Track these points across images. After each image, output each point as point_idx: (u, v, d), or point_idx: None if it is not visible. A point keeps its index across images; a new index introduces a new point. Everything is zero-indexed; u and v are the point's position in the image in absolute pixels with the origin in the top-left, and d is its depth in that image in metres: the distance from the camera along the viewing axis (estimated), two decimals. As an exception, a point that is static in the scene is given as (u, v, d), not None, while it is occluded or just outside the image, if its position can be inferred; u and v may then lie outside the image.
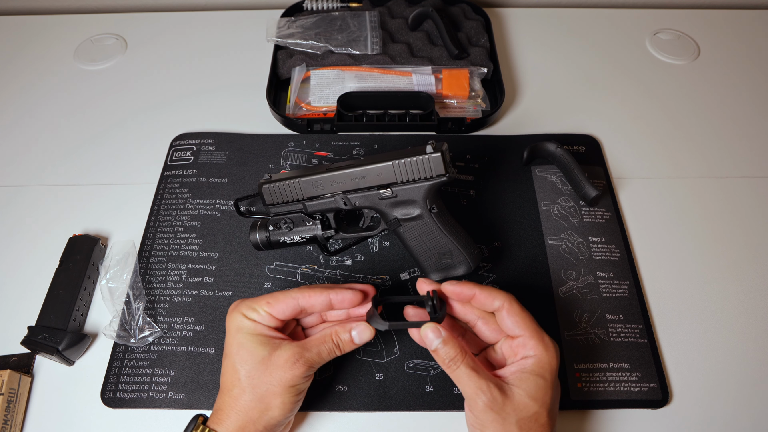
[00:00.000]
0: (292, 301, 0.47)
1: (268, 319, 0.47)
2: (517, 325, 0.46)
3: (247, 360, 0.45)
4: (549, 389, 0.44)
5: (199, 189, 0.68)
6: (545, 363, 0.44)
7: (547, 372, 0.44)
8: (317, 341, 0.47)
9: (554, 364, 0.45)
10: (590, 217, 0.65)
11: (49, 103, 0.80)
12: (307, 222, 0.58)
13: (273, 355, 0.45)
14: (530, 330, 0.45)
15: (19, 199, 0.69)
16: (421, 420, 0.53)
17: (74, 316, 0.57)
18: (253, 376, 0.45)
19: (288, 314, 0.47)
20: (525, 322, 0.46)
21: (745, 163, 0.72)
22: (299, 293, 0.47)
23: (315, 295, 0.47)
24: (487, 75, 0.79)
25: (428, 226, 0.55)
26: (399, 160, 0.53)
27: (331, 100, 0.74)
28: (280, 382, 0.45)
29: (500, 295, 0.47)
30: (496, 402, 0.43)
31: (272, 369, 0.45)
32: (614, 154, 0.72)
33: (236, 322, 0.47)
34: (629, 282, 0.60)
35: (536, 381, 0.44)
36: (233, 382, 0.46)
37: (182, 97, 0.79)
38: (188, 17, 0.92)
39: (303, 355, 0.46)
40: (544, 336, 0.46)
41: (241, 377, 0.45)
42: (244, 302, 0.48)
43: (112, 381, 0.54)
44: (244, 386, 0.45)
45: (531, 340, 0.45)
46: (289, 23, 0.83)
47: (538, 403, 0.43)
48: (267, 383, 0.45)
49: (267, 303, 0.47)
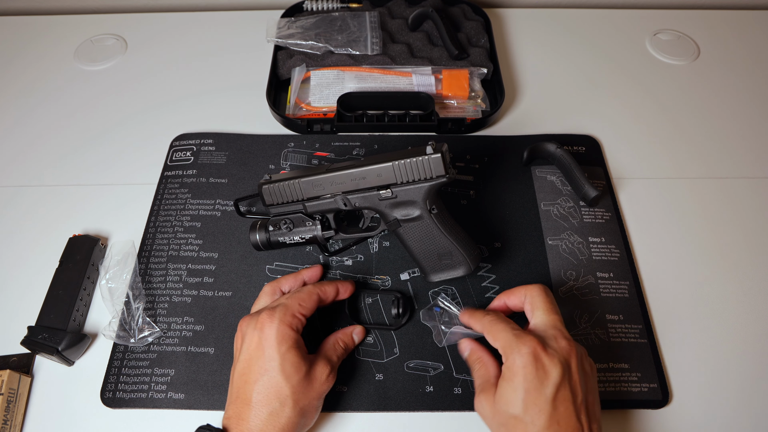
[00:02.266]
0: (316, 296, 0.51)
1: (303, 321, 0.49)
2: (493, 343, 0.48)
3: (292, 375, 0.46)
4: (519, 393, 0.43)
5: (199, 189, 0.68)
6: (511, 367, 0.44)
7: (514, 376, 0.44)
8: (332, 349, 0.52)
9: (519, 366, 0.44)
10: (590, 217, 0.65)
11: (50, 103, 0.80)
12: (306, 222, 0.58)
13: (312, 370, 0.48)
14: (502, 342, 0.46)
15: (19, 199, 0.69)
16: (421, 420, 0.53)
17: (74, 316, 0.57)
18: (298, 392, 0.46)
19: (315, 307, 0.51)
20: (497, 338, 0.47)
21: (745, 163, 0.72)
22: (316, 289, 0.52)
23: (326, 287, 0.53)
24: (487, 75, 0.79)
25: (428, 227, 0.55)
26: (399, 160, 0.53)
27: (331, 101, 0.74)
28: (319, 395, 0.48)
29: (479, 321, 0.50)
30: (483, 405, 0.46)
31: (313, 384, 0.47)
32: (614, 154, 0.72)
33: (280, 332, 0.47)
34: (629, 282, 0.60)
35: (505, 386, 0.44)
36: (276, 396, 0.45)
37: (182, 98, 0.79)
38: (188, 17, 0.92)
39: (333, 367, 0.50)
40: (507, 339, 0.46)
41: (288, 393, 0.45)
42: (279, 311, 0.48)
43: (112, 381, 0.54)
44: (290, 402, 0.45)
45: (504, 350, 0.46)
46: (289, 24, 0.83)
47: (511, 407, 0.43)
48: (309, 397, 0.46)
49: (300, 306, 0.49)
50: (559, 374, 0.43)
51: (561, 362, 0.44)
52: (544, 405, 0.42)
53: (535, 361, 0.43)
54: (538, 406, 0.43)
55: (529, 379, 0.43)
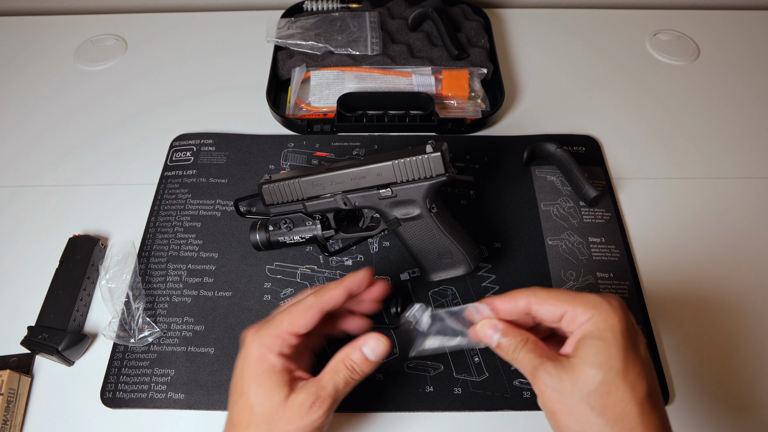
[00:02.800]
0: (314, 310, 0.43)
1: (293, 341, 0.42)
2: (555, 306, 0.39)
3: (264, 402, 0.41)
4: (613, 350, 0.36)
5: (199, 189, 0.68)
6: (599, 322, 0.37)
7: (605, 331, 0.37)
8: (330, 373, 0.42)
9: (612, 320, 0.37)
10: (590, 217, 0.65)
11: (50, 103, 0.80)
12: (307, 222, 0.58)
13: (289, 398, 0.41)
14: (570, 301, 0.39)
15: (19, 199, 0.69)
16: (421, 420, 0.53)
17: (74, 316, 0.57)
18: (271, 420, 0.41)
19: (311, 325, 0.43)
20: (559, 299, 0.39)
21: (745, 163, 0.72)
22: (316, 299, 0.43)
23: (330, 291, 0.44)
24: (487, 75, 0.79)
25: (428, 226, 0.55)
26: (399, 159, 0.53)
27: (331, 101, 0.74)
28: (298, 428, 0.40)
29: (521, 294, 0.41)
30: (552, 377, 0.37)
31: (290, 413, 0.41)
32: (614, 154, 0.72)
33: (257, 355, 0.42)
34: (629, 282, 0.60)
35: (593, 344, 0.36)
36: (250, 420, 0.41)
37: (182, 98, 0.80)
38: (188, 17, 0.92)
39: (319, 395, 0.41)
40: (589, 297, 0.39)
41: (259, 419, 0.41)
42: (262, 329, 0.43)
43: (112, 381, 0.54)
44: (263, 427, 0.41)
45: (577, 308, 0.38)
46: (289, 24, 0.83)
47: (602, 370, 0.36)
48: (284, 428, 0.41)
49: (289, 323, 0.42)
50: (643, 338, 0.38)
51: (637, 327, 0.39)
52: (641, 368, 0.36)
53: (630, 323, 0.37)
54: (638, 368, 0.36)
55: (627, 334, 0.37)
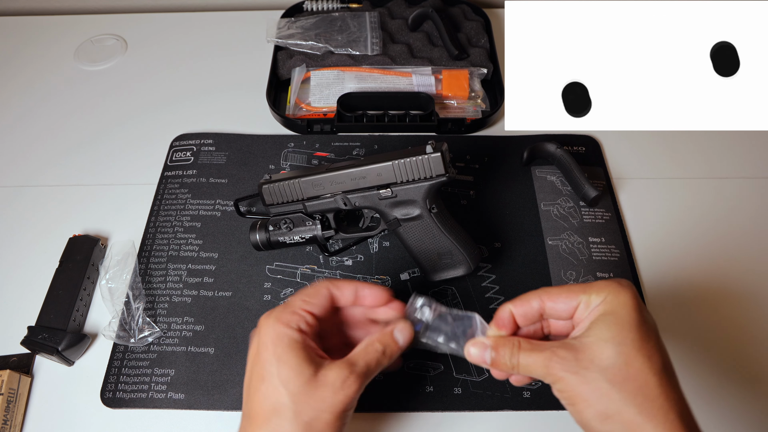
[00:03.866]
0: (325, 291, 0.42)
1: (310, 319, 0.41)
2: (569, 300, 0.39)
3: (291, 380, 0.37)
4: (626, 323, 0.36)
5: (199, 189, 0.68)
6: (611, 300, 0.37)
7: (616, 307, 0.36)
8: (362, 352, 0.41)
9: (624, 297, 0.37)
10: (590, 217, 0.65)
11: (50, 103, 0.80)
12: (307, 222, 0.58)
13: (319, 374, 0.38)
14: (583, 290, 0.38)
15: (19, 199, 0.69)
16: (422, 420, 0.53)
17: (74, 316, 0.57)
18: (300, 401, 0.37)
19: (325, 308, 0.42)
20: (572, 291, 0.39)
21: (745, 163, 0.72)
22: (328, 282, 0.43)
23: (342, 284, 0.43)
24: (487, 75, 0.79)
25: (428, 226, 0.55)
26: (399, 160, 0.53)
27: (331, 101, 0.74)
28: (332, 407, 0.37)
29: (533, 295, 0.40)
30: (567, 361, 0.36)
31: (321, 391, 0.37)
32: (614, 154, 0.72)
33: (275, 332, 0.39)
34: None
35: (605, 320, 0.36)
36: (275, 407, 0.37)
37: (182, 97, 0.80)
38: (188, 17, 0.92)
39: (352, 371, 0.39)
40: (600, 282, 0.38)
41: (286, 401, 0.37)
42: (276, 310, 0.41)
43: (112, 381, 0.54)
44: (289, 413, 0.37)
45: (591, 295, 0.38)
46: (289, 24, 0.83)
47: (617, 342, 0.35)
48: (316, 409, 0.37)
49: (303, 301, 0.41)
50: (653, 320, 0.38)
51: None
52: (656, 341, 0.36)
53: (637, 295, 0.38)
54: (653, 340, 0.36)
55: (639, 309, 0.37)
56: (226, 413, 0.53)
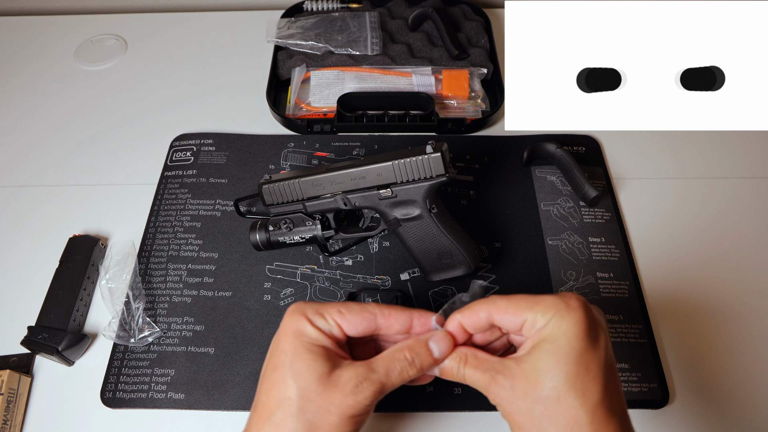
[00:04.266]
0: (370, 315, 0.39)
1: (336, 331, 0.38)
2: (514, 317, 0.37)
3: (302, 374, 0.36)
4: (567, 354, 0.34)
5: (199, 189, 0.68)
6: (555, 326, 0.35)
7: (560, 335, 0.35)
8: (386, 359, 0.38)
9: (570, 323, 0.35)
10: (590, 217, 0.65)
11: (49, 103, 0.80)
12: (307, 222, 0.58)
13: (333, 373, 0.36)
14: (529, 307, 0.37)
15: (19, 199, 0.69)
16: (421, 420, 0.53)
17: (74, 316, 0.57)
18: (307, 397, 0.35)
19: (360, 330, 0.39)
20: (518, 308, 0.37)
21: (745, 163, 0.72)
22: (378, 309, 0.39)
23: (396, 313, 0.39)
24: (487, 75, 0.79)
25: (428, 226, 0.55)
26: (399, 160, 0.53)
27: (331, 101, 0.74)
28: (339, 409, 0.36)
29: (480, 306, 0.38)
30: (504, 388, 0.35)
31: (331, 391, 0.36)
32: (614, 154, 0.72)
33: (296, 326, 0.38)
34: (629, 282, 0.60)
35: (545, 347, 0.35)
36: (280, 400, 0.36)
37: (182, 97, 0.80)
38: (188, 17, 0.92)
39: (368, 376, 0.36)
40: (547, 300, 0.36)
41: (292, 395, 0.36)
42: (309, 305, 0.39)
43: (112, 381, 0.54)
44: (293, 409, 0.35)
45: (536, 314, 0.36)
46: (289, 24, 0.83)
47: (552, 375, 0.34)
48: (322, 408, 0.35)
49: (338, 312, 0.39)
50: (606, 336, 0.36)
51: (603, 321, 0.37)
52: (597, 372, 0.34)
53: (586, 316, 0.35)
54: (591, 373, 0.34)
55: (584, 336, 0.34)
56: (226, 413, 0.53)
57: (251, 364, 0.55)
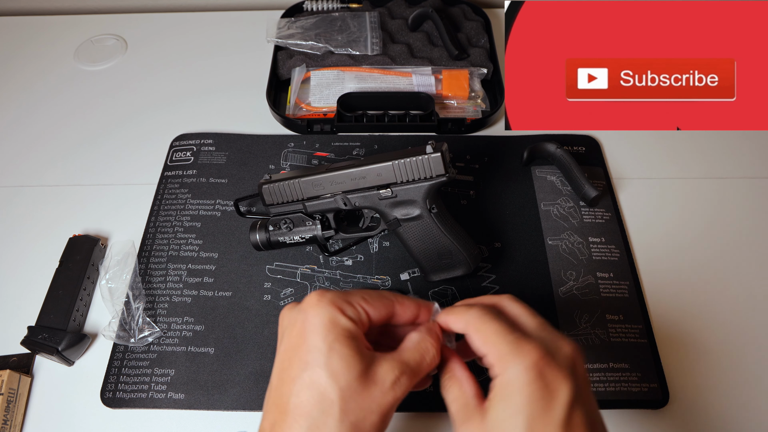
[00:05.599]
0: (389, 302, 0.38)
1: (365, 318, 0.37)
2: (481, 344, 0.36)
3: (342, 373, 0.34)
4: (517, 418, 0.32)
5: (199, 189, 0.68)
6: (508, 383, 0.33)
7: (512, 394, 0.33)
8: (414, 350, 0.37)
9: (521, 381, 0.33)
10: (590, 217, 0.65)
11: (50, 103, 0.80)
12: (307, 222, 0.58)
13: (370, 369, 0.34)
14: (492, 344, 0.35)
15: (19, 199, 0.69)
16: (421, 420, 0.53)
17: (74, 316, 0.57)
18: (349, 398, 0.33)
19: (383, 317, 0.38)
20: (486, 337, 0.35)
21: (746, 162, 0.72)
22: (394, 296, 0.39)
23: (408, 302, 0.39)
24: (487, 75, 0.79)
25: (428, 226, 0.55)
26: (399, 160, 0.53)
27: (331, 101, 0.74)
28: (381, 408, 0.34)
29: (463, 317, 0.37)
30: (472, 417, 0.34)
31: (372, 389, 0.34)
32: (614, 154, 0.72)
33: (328, 317, 0.35)
34: (629, 282, 0.60)
35: (500, 406, 0.33)
36: (317, 402, 0.33)
37: (182, 97, 0.80)
38: (188, 17, 0.92)
39: (405, 370, 0.35)
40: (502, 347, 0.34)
41: (333, 397, 0.33)
42: (333, 293, 0.37)
43: (112, 381, 0.54)
44: (335, 411, 0.33)
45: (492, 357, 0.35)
46: (289, 24, 0.83)
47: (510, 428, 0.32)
48: (364, 409, 0.33)
49: (363, 299, 0.37)
50: (569, 392, 0.33)
51: (570, 375, 0.34)
52: (559, 414, 0.33)
53: (540, 377, 0.33)
54: (548, 418, 0.33)
55: (533, 400, 0.32)
56: (226, 413, 0.53)
57: (251, 364, 0.55)
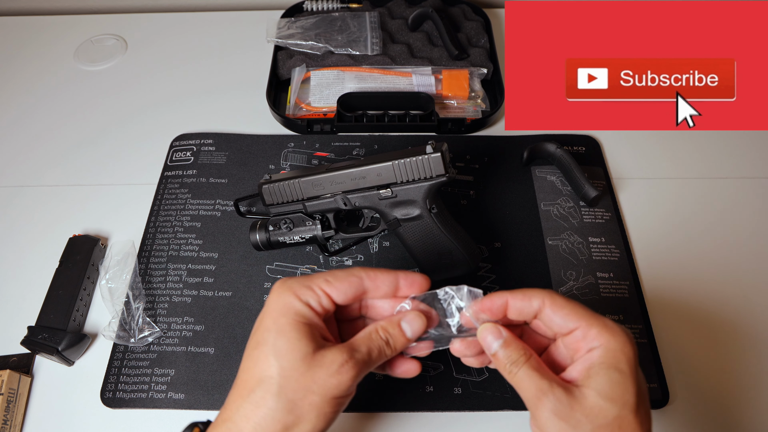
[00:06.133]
0: (356, 280, 0.39)
1: (325, 301, 0.38)
2: (568, 319, 0.37)
3: (285, 353, 0.35)
4: (629, 384, 0.35)
5: (199, 189, 0.68)
6: (616, 351, 0.35)
7: (621, 362, 0.35)
8: (364, 339, 0.38)
9: (629, 351, 0.35)
10: (590, 217, 0.65)
11: (49, 103, 0.80)
12: (307, 222, 0.58)
13: (317, 353, 0.36)
14: (586, 318, 0.36)
15: (19, 199, 0.69)
16: (421, 420, 0.53)
17: (74, 316, 0.57)
18: (289, 376, 0.35)
19: (349, 296, 0.39)
20: (576, 312, 0.37)
21: (745, 163, 0.72)
22: (363, 272, 0.39)
23: (381, 275, 0.39)
24: (487, 75, 0.79)
25: (428, 226, 0.55)
26: (399, 160, 0.53)
27: (331, 101, 0.74)
28: (322, 390, 0.35)
29: (537, 294, 0.38)
30: (562, 406, 0.34)
31: (315, 371, 0.35)
32: (614, 154, 0.72)
33: (283, 301, 0.37)
34: (629, 282, 0.60)
35: (609, 375, 0.35)
36: (261, 379, 0.35)
37: (182, 97, 0.80)
38: (188, 17, 0.92)
39: (353, 356, 0.36)
40: (606, 321, 0.36)
41: (273, 373, 0.35)
42: (295, 279, 0.39)
43: (112, 381, 0.54)
44: (273, 388, 0.35)
45: (591, 329, 0.36)
46: (289, 24, 0.83)
47: (618, 404, 0.34)
48: (304, 388, 0.35)
49: (325, 281, 0.38)
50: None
51: None
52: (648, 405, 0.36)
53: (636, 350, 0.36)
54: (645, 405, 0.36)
55: (639, 369, 0.36)
56: (226, 413, 0.53)
57: (251, 364, 0.55)
